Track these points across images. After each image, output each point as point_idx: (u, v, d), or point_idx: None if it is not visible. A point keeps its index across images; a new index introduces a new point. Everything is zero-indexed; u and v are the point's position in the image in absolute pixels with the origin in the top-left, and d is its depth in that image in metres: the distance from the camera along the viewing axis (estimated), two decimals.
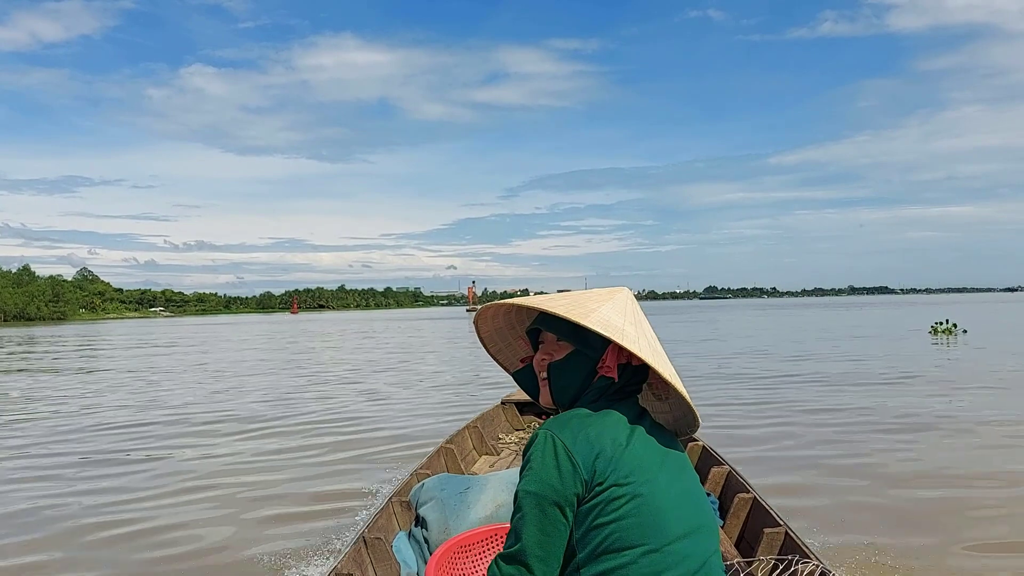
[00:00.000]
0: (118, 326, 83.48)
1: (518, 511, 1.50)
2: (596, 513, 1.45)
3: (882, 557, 4.29)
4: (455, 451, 4.95)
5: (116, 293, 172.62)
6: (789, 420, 8.99)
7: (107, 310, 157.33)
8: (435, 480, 3.61)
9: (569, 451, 1.47)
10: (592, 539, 1.46)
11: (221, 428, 9.55)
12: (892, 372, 14.10)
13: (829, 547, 4.38)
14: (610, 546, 1.44)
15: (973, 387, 11.68)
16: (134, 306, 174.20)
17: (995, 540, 4.64)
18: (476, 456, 5.58)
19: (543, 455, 1.48)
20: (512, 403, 6.89)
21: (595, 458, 1.47)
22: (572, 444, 1.48)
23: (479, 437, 5.76)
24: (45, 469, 7.33)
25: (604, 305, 1.62)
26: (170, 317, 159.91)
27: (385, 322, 68.94)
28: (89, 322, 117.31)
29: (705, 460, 4.65)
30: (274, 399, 12.43)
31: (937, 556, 4.36)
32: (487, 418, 6.35)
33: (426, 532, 3.24)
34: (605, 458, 1.47)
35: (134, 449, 8.24)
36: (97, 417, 10.73)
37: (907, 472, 6.34)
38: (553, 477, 1.46)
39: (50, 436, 9.21)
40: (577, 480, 1.46)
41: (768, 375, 14.08)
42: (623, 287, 1.75)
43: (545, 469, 1.47)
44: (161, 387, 14.88)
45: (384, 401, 11.86)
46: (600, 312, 1.59)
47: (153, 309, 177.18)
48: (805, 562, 2.60)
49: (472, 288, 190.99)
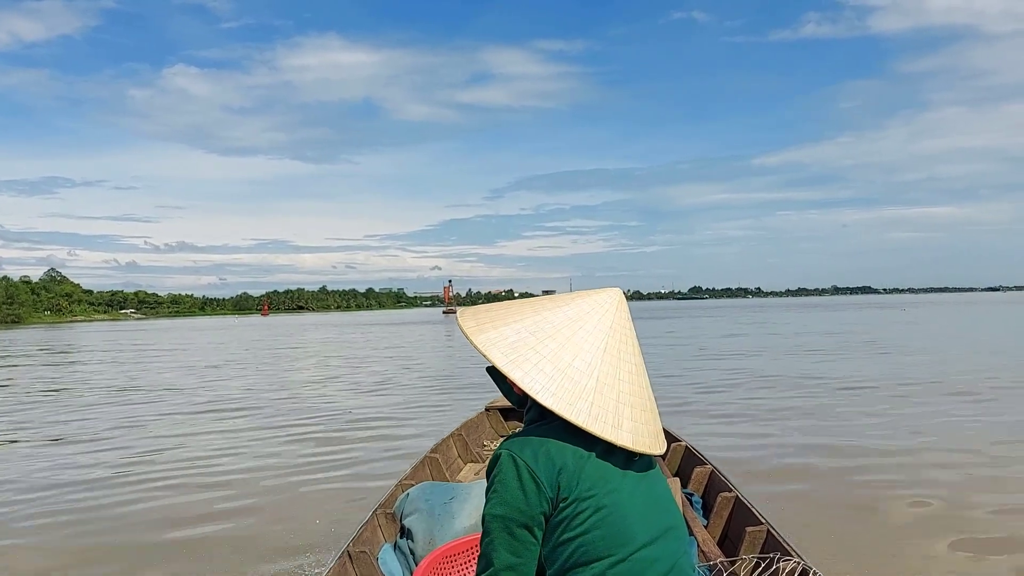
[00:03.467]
0: (71, 329, 79.98)
1: (487, 535, 1.50)
2: (562, 529, 1.46)
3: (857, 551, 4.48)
4: (440, 460, 4.94)
5: (85, 295, 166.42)
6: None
7: (74, 312, 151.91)
8: (419, 490, 3.60)
9: (532, 470, 1.47)
10: (560, 555, 1.47)
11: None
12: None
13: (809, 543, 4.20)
14: (578, 560, 1.45)
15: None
16: (103, 308, 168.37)
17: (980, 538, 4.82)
18: (461, 464, 5.56)
19: (507, 477, 1.48)
20: (496, 409, 6.84)
21: (558, 474, 1.47)
22: (534, 463, 1.47)
23: (464, 445, 5.73)
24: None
25: (521, 321, 1.58)
26: (141, 319, 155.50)
27: (350, 328, 66.27)
28: (45, 325, 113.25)
29: (688, 460, 4.71)
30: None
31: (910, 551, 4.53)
32: (471, 425, 6.30)
33: (411, 543, 3.25)
34: (568, 473, 1.47)
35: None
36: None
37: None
38: (518, 499, 1.46)
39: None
40: (543, 499, 1.46)
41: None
42: (610, 288, 1.68)
43: (509, 491, 1.47)
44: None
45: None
46: (499, 331, 1.55)
47: (124, 311, 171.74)
48: (787, 559, 2.71)
49: (448, 288, 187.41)
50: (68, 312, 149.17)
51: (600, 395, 1.50)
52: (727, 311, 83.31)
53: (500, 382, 1.63)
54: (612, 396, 1.52)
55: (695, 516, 3.77)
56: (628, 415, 1.52)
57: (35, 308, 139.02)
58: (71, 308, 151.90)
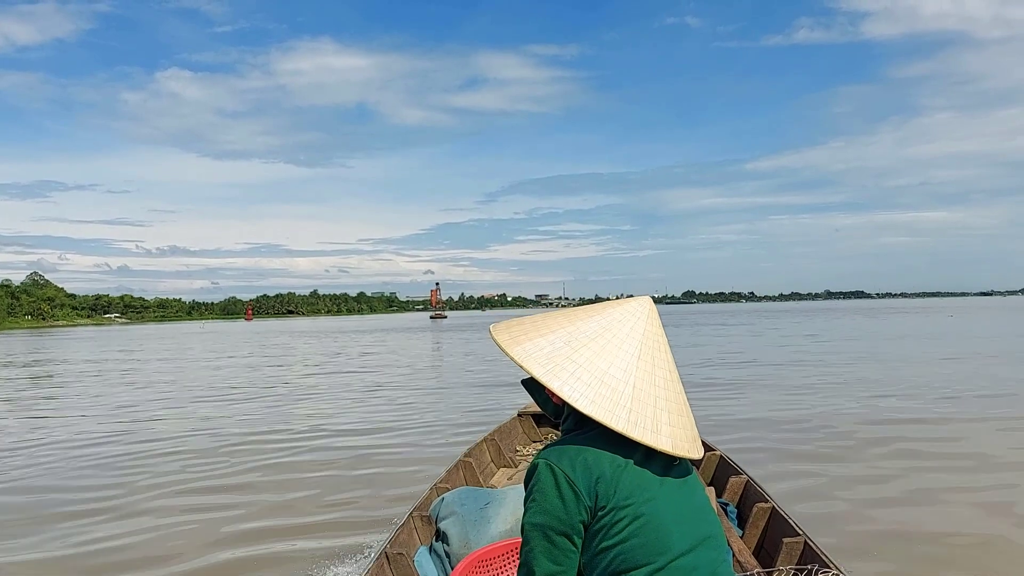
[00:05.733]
0: (40, 337, 77.45)
1: (526, 543, 1.52)
2: (601, 537, 1.47)
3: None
4: (473, 464, 4.98)
5: (68, 299, 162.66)
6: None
7: (56, 317, 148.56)
8: (455, 494, 3.64)
9: (571, 479, 1.47)
10: (599, 563, 1.48)
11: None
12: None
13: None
14: (617, 568, 1.45)
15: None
16: (87, 312, 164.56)
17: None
18: (494, 469, 5.58)
19: (545, 486, 1.49)
20: (528, 415, 6.81)
21: (595, 482, 1.48)
22: (572, 472, 1.48)
23: (497, 450, 5.75)
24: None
25: (554, 332, 1.59)
26: (126, 324, 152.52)
27: (332, 335, 64.08)
28: (23, 331, 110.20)
29: (723, 470, 4.67)
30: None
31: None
32: (504, 431, 6.31)
33: (447, 546, 3.28)
34: (605, 481, 1.48)
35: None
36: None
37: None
38: (558, 507, 1.47)
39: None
40: (581, 507, 1.48)
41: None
42: (641, 297, 1.70)
43: (549, 500, 1.48)
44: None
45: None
46: (534, 342, 1.57)
47: (108, 316, 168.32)
48: (825, 572, 2.63)
49: (436, 291, 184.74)
50: (50, 317, 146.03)
51: (638, 401, 1.53)
52: (766, 316, 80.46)
53: (536, 393, 1.65)
54: (650, 402, 1.54)
55: (730, 526, 3.76)
56: (666, 420, 1.54)
57: (12, 312, 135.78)
58: (53, 313, 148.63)
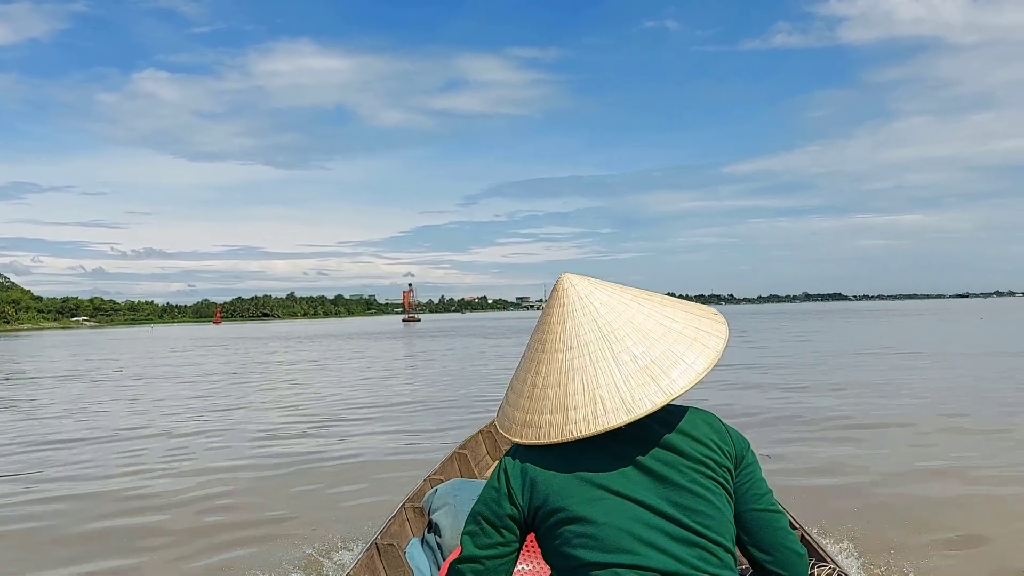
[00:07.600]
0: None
1: (464, 526, 1.54)
2: (549, 539, 1.46)
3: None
4: (468, 456, 4.95)
5: (34, 302, 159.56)
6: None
7: (21, 320, 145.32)
8: (448, 486, 3.60)
9: (508, 475, 1.48)
10: (554, 565, 1.48)
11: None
12: None
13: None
14: (565, 566, 1.45)
15: None
16: (54, 315, 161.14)
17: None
18: (490, 461, 5.51)
19: (491, 477, 1.52)
20: None
21: (530, 483, 1.45)
22: (512, 468, 1.49)
23: (492, 442, 5.68)
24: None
25: (510, 383, 1.60)
26: (95, 328, 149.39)
27: (295, 341, 62.57)
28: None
29: None
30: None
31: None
32: None
33: (439, 538, 3.28)
34: (541, 483, 1.45)
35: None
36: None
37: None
38: (491, 498, 1.49)
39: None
40: (514, 504, 1.47)
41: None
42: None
43: (487, 491, 1.51)
44: None
45: None
46: (502, 410, 1.58)
47: (76, 319, 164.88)
48: (822, 566, 2.63)
49: (408, 293, 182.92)
50: (15, 320, 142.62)
51: (537, 402, 1.47)
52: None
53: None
54: (548, 398, 1.46)
55: None
56: (565, 405, 1.43)
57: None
58: (17, 316, 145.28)
